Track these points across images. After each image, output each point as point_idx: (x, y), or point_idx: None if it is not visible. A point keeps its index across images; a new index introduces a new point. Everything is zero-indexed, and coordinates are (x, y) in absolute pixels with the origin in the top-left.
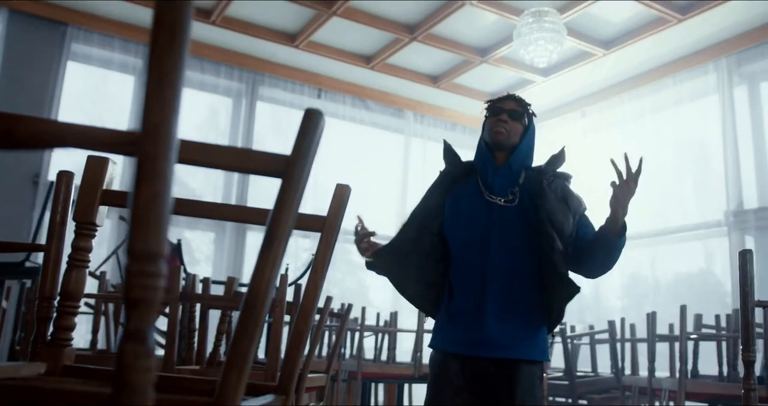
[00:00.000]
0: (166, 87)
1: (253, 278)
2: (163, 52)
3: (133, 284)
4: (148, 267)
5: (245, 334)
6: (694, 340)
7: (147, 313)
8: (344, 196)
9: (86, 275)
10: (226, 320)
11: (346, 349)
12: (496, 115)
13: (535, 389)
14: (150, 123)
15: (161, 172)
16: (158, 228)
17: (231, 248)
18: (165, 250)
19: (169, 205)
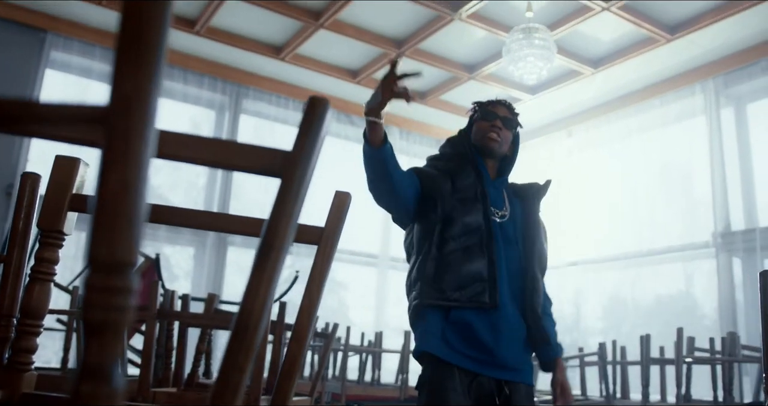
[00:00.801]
0: (142, 49)
1: (246, 296)
2: (140, 5)
3: (94, 303)
4: (115, 280)
5: (236, 364)
6: (688, 363)
7: (112, 341)
8: (344, 205)
9: (51, 290)
10: (206, 339)
11: (329, 369)
12: (489, 121)
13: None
14: (121, 94)
15: (134, 154)
16: (128, 228)
17: (211, 264)
18: (136, 258)
19: (143, 198)
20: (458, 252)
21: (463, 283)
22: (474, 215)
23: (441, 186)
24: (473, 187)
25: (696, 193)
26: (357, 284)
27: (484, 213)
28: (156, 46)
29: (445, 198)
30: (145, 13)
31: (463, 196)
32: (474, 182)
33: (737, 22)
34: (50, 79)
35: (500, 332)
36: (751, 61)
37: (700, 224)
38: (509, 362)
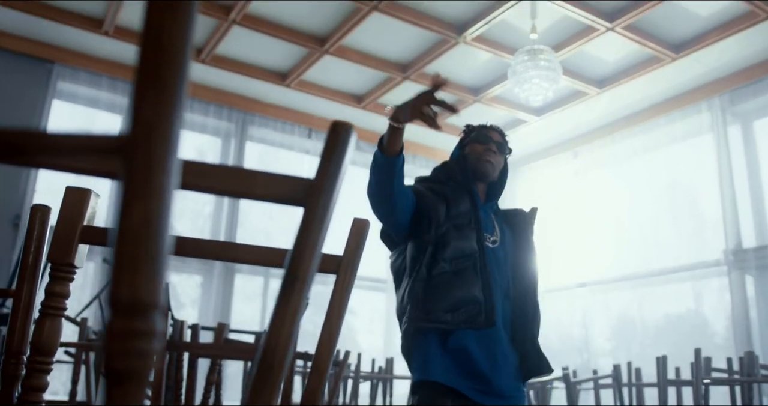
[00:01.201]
0: (165, 74)
1: (271, 330)
2: (162, 25)
3: (116, 350)
4: (138, 323)
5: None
6: (706, 384)
7: (135, 391)
8: (363, 233)
9: (62, 325)
10: (216, 370)
11: (340, 397)
12: (484, 144)
13: None
14: (142, 122)
15: (157, 186)
16: (152, 267)
17: (219, 292)
18: (160, 298)
19: (167, 233)
20: (449, 275)
21: (456, 305)
22: (468, 241)
23: (437, 208)
24: (468, 214)
25: (704, 211)
26: (365, 308)
27: (477, 239)
28: (179, 70)
29: (439, 221)
30: (167, 33)
31: (457, 222)
32: (469, 209)
33: (742, 39)
34: (57, 109)
35: (496, 360)
36: (757, 78)
37: (710, 242)
38: (505, 391)
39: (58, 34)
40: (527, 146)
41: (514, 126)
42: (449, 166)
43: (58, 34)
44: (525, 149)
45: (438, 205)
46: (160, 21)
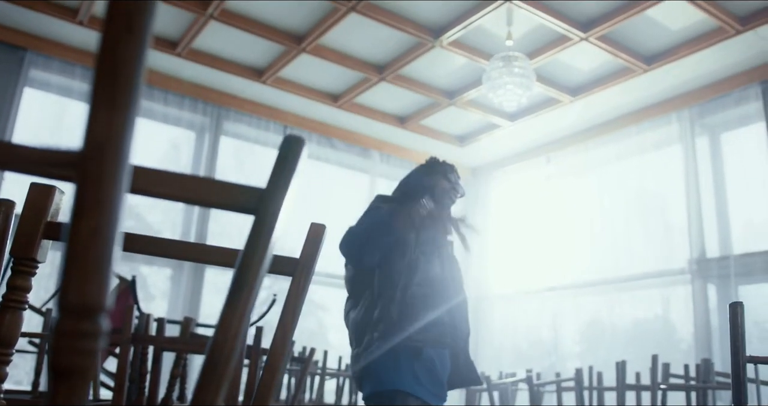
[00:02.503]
0: (117, 94)
1: (218, 331)
2: (115, 49)
3: (61, 347)
4: (84, 325)
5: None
6: (663, 390)
7: (79, 386)
8: (319, 236)
9: (23, 318)
10: (181, 363)
11: (306, 393)
12: (452, 190)
13: None
14: (95, 138)
15: (106, 201)
16: (98, 273)
17: (188, 285)
18: (106, 301)
19: (113, 243)
20: (420, 298)
21: (427, 327)
22: (434, 267)
23: (408, 239)
24: (433, 241)
25: (672, 220)
26: (336, 306)
27: (442, 265)
28: (131, 92)
29: (410, 249)
30: (121, 57)
31: (425, 248)
32: (432, 239)
33: (711, 54)
34: (29, 97)
35: (446, 368)
36: (725, 92)
37: (676, 250)
38: (445, 395)
39: (31, 21)
40: (500, 151)
41: (488, 130)
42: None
43: (31, 21)
44: (498, 153)
45: (410, 235)
46: (115, 44)
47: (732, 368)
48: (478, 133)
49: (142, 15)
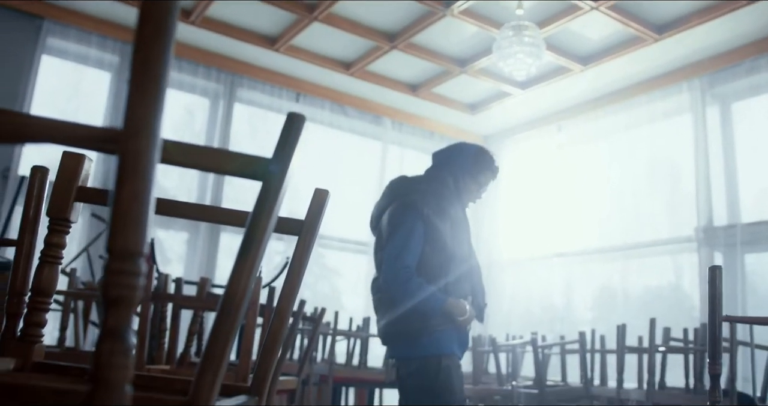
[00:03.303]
0: (150, 84)
1: (230, 283)
2: (148, 47)
3: (111, 283)
4: (128, 266)
5: (220, 337)
6: (663, 352)
7: (125, 311)
8: (323, 201)
9: (58, 272)
10: (198, 321)
11: (318, 353)
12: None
13: None
14: (133, 120)
15: (143, 170)
16: (138, 227)
17: (204, 249)
18: (144, 249)
19: (150, 204)
20: (457, 282)
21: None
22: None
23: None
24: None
25: (681, 188)
26: (349, 270)
27: (467, 242)
28: (162, 81)
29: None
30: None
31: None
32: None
33: (723, 23)
34: (46, 65)
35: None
36: (736, 62)
37: (684, 218)
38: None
39: None
40: (511, 119)
41: (499, 98)
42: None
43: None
44: (509, 122)
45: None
46: (146, 44)
47: (708, 326)
48: (489, 102)
49: (168, 18)
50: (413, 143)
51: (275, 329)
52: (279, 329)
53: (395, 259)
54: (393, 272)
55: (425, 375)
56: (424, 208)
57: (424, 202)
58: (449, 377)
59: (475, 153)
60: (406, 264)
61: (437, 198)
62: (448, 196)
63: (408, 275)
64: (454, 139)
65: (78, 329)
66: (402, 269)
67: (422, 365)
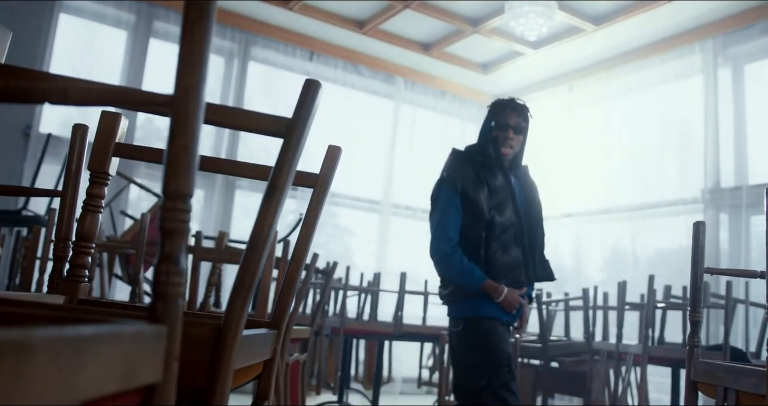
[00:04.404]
0: (195, 57)
1: (257, 222)
2: (193, 27)
3: (166, 217)
4: (179, 204)
5: (248, 269)
6: (662, 309)
7: (178, 240)
8: (336, 157)
9: (99, 220)
10: (217, 273)
11: (330, 308)
12: (503, 131)
13: None
14: (182, 87)
15: (191, 128)
16: (188, 173)
17: (219, 207)
18: (193, 191)
19: (196, 155)
20: (499, 251)
21: (506, 271)
22: (507, 216)
23: (482, 194)
24: (504, 189)
25: (690, 150)
26: (361, 229)
27: (515, 210)
28: (205, 54)
29: (486, 207)
30: (197, 34)
31: (498, 200)
32: (504, 184)
33: None
34: (64, 23)
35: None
36: (749, 23)
37: (693, 180)
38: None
39: None
40: (523, 79)
41: (511, 58)
42: (483, 148)
43: None
44: (521, 81)
45: (482, 190)
46: (192, 26)
47: (691, 277)
48: (501, 61)
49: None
50: (425, 103)
51: (292, 271)
52: (295, 270)
53: (437, 232)
54: (436, 245)
55: (467, 335)
56: (458, 182)
57: (461, 176)
58: (487, 339)
59: (488, 108)
60: (449, 236)
61: (475, 168)
62: (488, 164)
63: (449, 250)
64: (465, 99)
65: (104, 280)
66: (444, 241)
67: (465, 325)
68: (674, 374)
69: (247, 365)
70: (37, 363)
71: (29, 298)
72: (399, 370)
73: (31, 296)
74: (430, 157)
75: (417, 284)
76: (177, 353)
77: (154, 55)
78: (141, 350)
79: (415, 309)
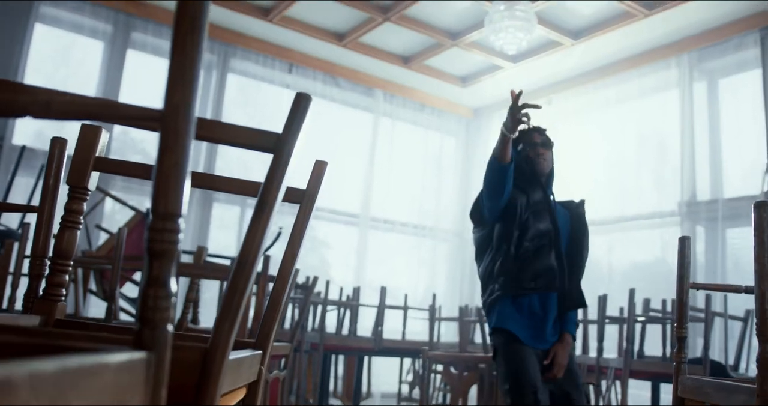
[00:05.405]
0: (186, 72)
1: (246, 240)
2: (184, 41)
3: (155, 238)
4: (169, 224)
5: (237, 288)
6: (642, 322)
7: (166, 262)
8: (322, 172)
9: (77, 236)
10: (195, 288)
11: (309, 322)
12: (534, 149)
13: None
14: (173, 101)
15: (181, 145)
16: (177, 192)
17: (197, 219)
18: (182, 211)
19: (186, 173)
20: (531, 251)
21: (537, 274)
22: (545, 223)
23: (520, 200)
24: (542, 202)
25: (667, 164)
26: (338, 242)
27: (552, 221)
28: (196, 69)
29: (522, 209)
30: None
31: (535, 208)
32: (542, 198)
33: (711, 0)
34: (39, 33)
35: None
36: (724, 39)
37: (669, 193)
38: (548, 338)
39: None
40: (502, 92)
41: (490, 72)
42: (520, 167)
43: None
44: (500, 95)
45: (520, 197)
46: (183, 38)
47: (677, 292)
48: (480, 75)
49: (202, 15)
50: (404, 115)
51: (278, 290)
52: (281, 289)
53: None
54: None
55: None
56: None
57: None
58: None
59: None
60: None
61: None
62: (528, 177)
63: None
64: (445, 112)
65: (78, 297)
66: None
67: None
68: (654, 387)
69: (233, 388)
70: (20, 400)
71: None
72: (378, 385)
73: (5, 318)
74: (409, 170)
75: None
76: (165, 381)
77: (132, 66)
78: (128, 380)
79: (394, 323)
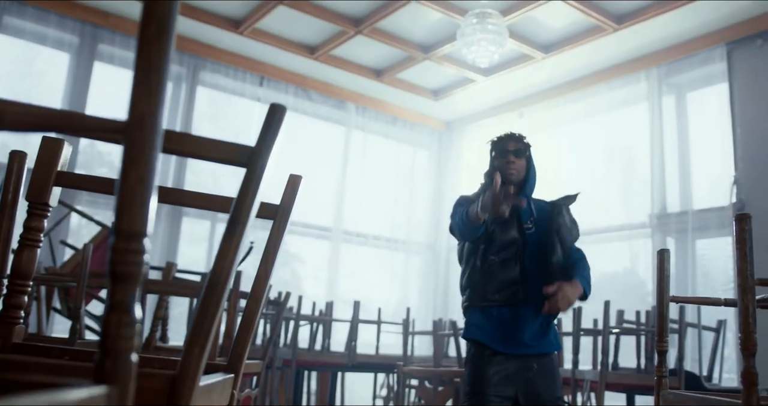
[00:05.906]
0: (153, 79)
1: (217, 260)
2: (150, 46)
3: (117, 260)
4: (133, 245)
5: (207, 312)
6: (616, 334)
7: (130, 286)
8: (297, 186)
9: (37, 255)
10: (164, 306)
11: (281, 338)
12: (503, 158)
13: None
14: (137, 113)
15: (147, 159)
16: (142, 210)
17: (165, 234)
18: (148, 230)
19: (151, 188)
20: (496, 264)
21: (501, 287)
22: (510, 233)
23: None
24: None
25: (637, 176)
26: (310, 256)
27: (518, 229)
28: (163, 77)
29: (488, 222)
30: (154, 55)
31: (502, 220)
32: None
33: (679, 15)
34: (2, 44)
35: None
36: (692, 53)
37: (639, 205)
38: (527, 341)
39: None
40: (474, 105)
41: (462, 85)
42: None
43: None
44: (472, 108)
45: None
46: (149, 44)
47: (657, 305)
48: (452, 88)
49: (170, 18)
50: (376, 129)
51: (251, 310)
52: (254, 309)
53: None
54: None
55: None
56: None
57: (466, 202)
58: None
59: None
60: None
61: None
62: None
63: (457, 221)
64: (417, 125)
65: (41, 315)
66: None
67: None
68: (629, 399)
69: None
70: None
71: None
72: (352, 400)
73: None
74: (381, 183)
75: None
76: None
77: (99, 79)
78: None
79: (367, 337)
